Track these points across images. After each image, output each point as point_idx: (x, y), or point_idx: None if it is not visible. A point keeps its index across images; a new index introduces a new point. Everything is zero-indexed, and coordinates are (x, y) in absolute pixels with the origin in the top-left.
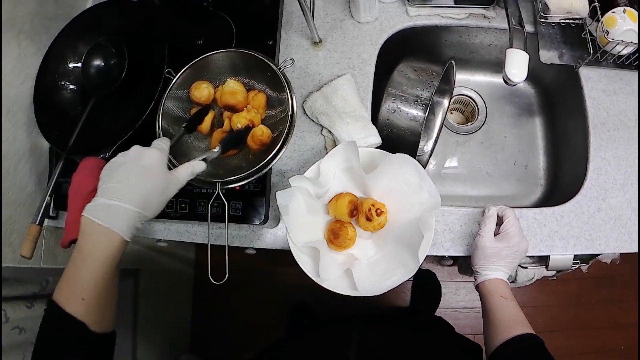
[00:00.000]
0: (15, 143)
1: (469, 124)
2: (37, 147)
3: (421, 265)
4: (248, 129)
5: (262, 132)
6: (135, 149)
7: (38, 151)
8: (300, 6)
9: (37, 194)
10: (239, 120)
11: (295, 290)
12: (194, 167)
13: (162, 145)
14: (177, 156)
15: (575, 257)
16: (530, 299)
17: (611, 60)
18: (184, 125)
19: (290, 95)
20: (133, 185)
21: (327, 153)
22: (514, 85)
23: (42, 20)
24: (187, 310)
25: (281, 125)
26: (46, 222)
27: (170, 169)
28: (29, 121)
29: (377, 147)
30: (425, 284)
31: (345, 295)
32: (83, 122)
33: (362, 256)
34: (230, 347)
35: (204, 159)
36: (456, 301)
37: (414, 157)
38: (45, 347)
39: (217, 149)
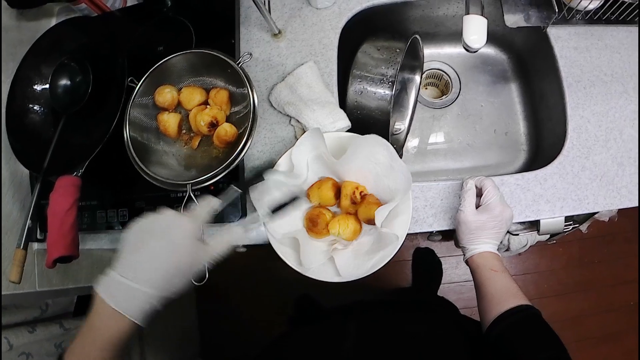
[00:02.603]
0: None
1: (444, 97)
2: (17, 174)
3: (414, 243)
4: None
5: (225, 132)
6: (169, 215)
7: (19, 177)
8: (253, 0)
9: (22, 219)
10: (202, 118)
11: (296, 283)
12: (234, 236)
13: (201, 212)
14: (148, 164)
15: (568, 218)
16: (533, 264)
17: (579, 17)
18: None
19: (251, 89)
20: (154, 261)
21: None
22: (475, 51)
23: (6, 48)
24: (192, 314)
25: (247, 120)
26: (36, 245)
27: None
28: (5, 149)
29: (348, 130)
30: (424, 262)
31: (346, 282)
32: (55, 143)
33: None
34: (238, 347)
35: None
36: (458, 275)
37: (387, 137)
38: None
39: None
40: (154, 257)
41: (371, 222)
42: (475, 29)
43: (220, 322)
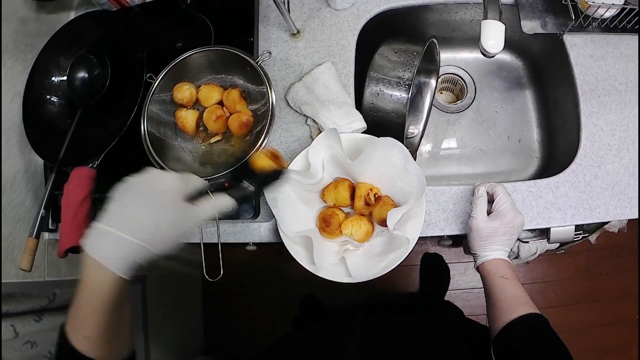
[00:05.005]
0: (9, 160)
1: (459, 102)
2: (31, 163)
3: (423, 248)
4: (278, 171)
5: (245, 113)
6: (153, 170)
7: (33, 167)
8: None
9: (34, 208)
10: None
11: (302, 283)
12: (222, 203)
13: (210, 206)
14: (165, 159)
15: (578, 227)
16: (540, 274)
17: (595, 25)
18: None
19: (269, 87)
20: (139, 212)
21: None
22: (492, 56)
23: (25, 39)
24: (198, 311)
25: (264, 118)
26: (47, 235)
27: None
28: (20, 138)
29: (364, 132)
30: (432, 267)
31: (352, 284)
32: (72, 134)
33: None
34: (243, 346)
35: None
36: (465, 282)
37: (402, 139)
38: None
39: (251, 187)
40: (138, 207)
41: (385, 223)
42: (493, 34)
43: (225, 319)
